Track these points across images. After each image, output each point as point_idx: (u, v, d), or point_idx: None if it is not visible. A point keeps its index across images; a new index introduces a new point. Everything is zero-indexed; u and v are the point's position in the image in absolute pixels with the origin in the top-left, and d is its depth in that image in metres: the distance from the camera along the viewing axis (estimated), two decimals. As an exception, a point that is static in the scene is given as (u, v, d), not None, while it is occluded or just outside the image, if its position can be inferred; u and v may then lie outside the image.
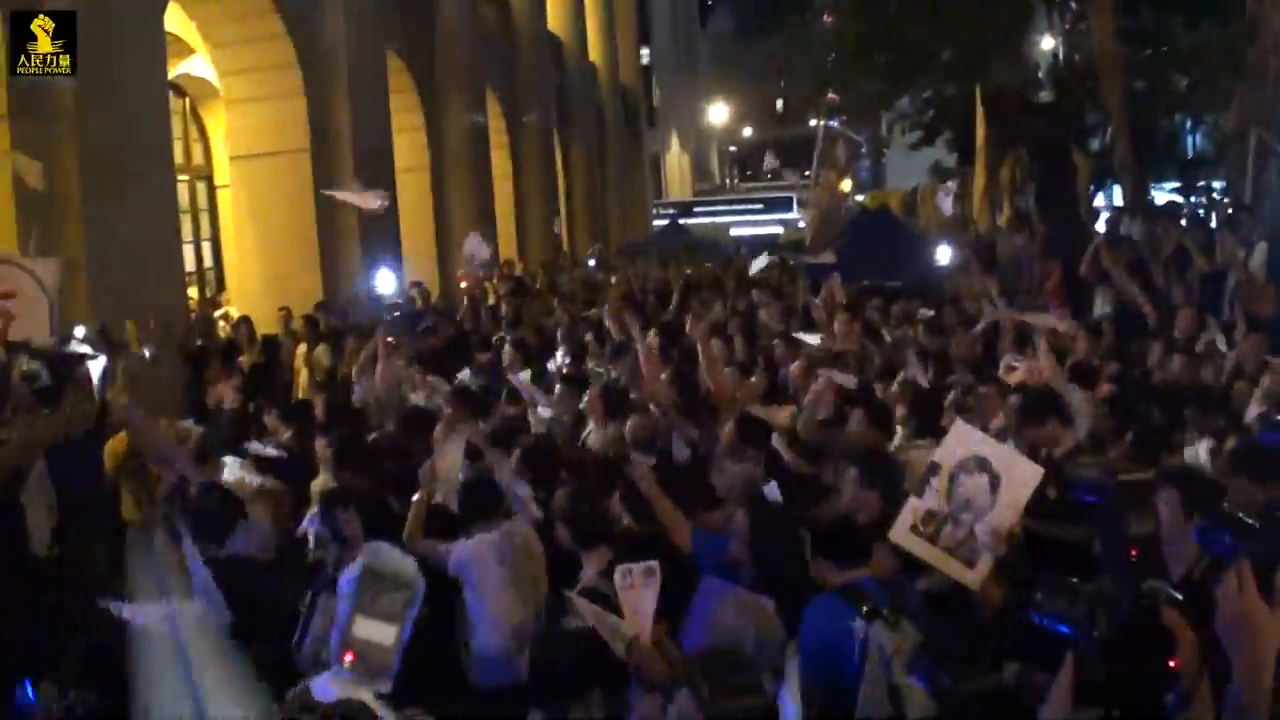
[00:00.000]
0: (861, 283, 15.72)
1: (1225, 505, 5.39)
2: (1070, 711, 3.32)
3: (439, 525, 6.35)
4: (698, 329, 10.16)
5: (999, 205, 21.21)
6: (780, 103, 70.05)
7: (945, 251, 16.50)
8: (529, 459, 7.31)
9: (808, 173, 20.24)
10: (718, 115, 68.28)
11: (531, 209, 30.36)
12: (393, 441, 8.53)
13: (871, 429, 7.65)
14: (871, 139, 39.36)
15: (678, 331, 12.35)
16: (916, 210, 32.16)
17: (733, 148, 76.89)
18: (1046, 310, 12.56)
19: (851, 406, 8.06)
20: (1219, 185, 30.01)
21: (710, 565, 5.44)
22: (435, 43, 24.15)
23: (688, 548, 5.76)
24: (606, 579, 5.45)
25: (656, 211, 49.32)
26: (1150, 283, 12.86)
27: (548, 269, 24.32)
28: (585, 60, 37.72)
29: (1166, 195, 30.87)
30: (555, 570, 6.06)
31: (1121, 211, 21.79)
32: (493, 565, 5.75)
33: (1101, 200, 27.21)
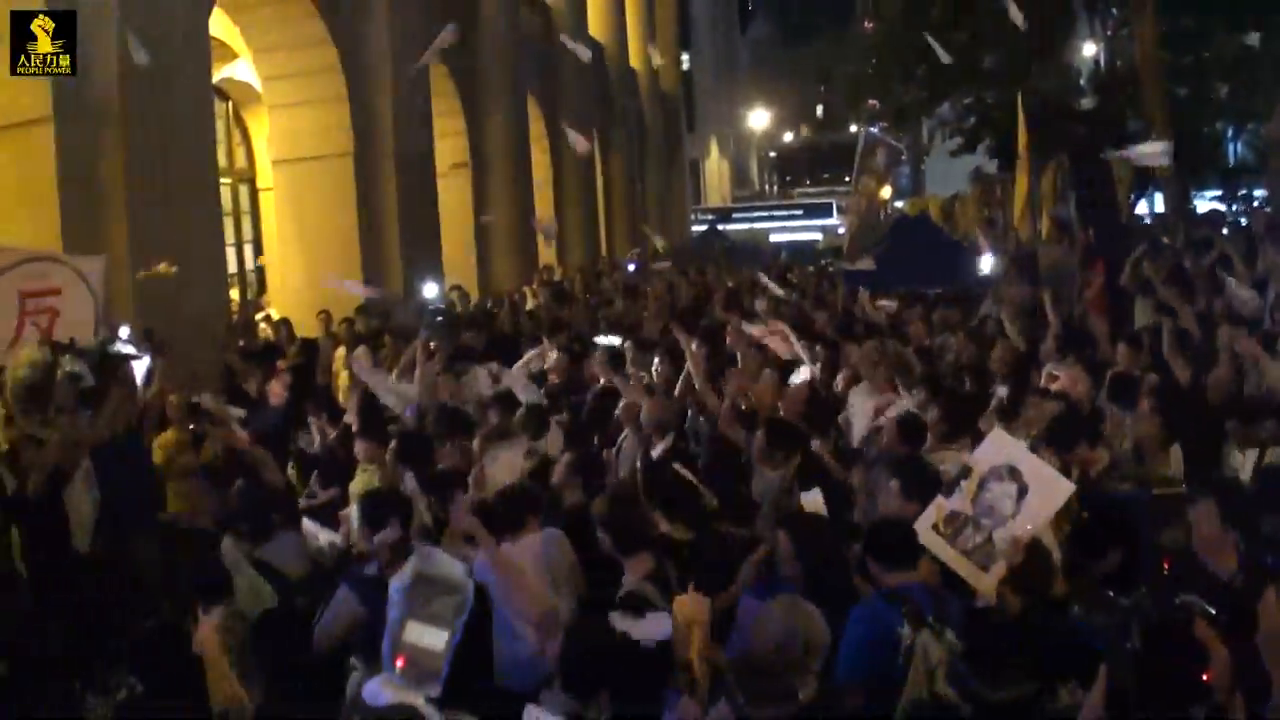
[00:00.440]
0: (900, 289, 15.67)
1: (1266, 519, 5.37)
2: (1103, 722, 3.34)
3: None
4: (740, 343, 10.17)
5: (1040, 213, 21.04)
6: (820, 109, 69.81)
7: (987, 260, 16.39)
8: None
9: (848, 179, 20.22)
10: (757, 121, 68.07)
11: (571, 213, 30.40)
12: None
13: (903, 439, 7.62)
14: (912, 145, 39.21)
15: (719, 338, 12.35)
16: (955, 217, 31.96)
17: (772, 153, 76.63)
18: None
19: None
20: (1260, 194, 29.74)
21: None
22: (477, 47, 24.23)
23: None
24: (648, 584, 5.48)
25: (695, 217, 49.28)
26: (1191, 293, 12.72)
27: (585, 274, 24.35)
28: (625, 65, 37.73)
29: (1208, 203, 30.64)
30: (596, 576, 6.07)
31: (1158, 220, 21.56)
32: (513, 575, 5.77)
33: (1143, 208, 26.97)
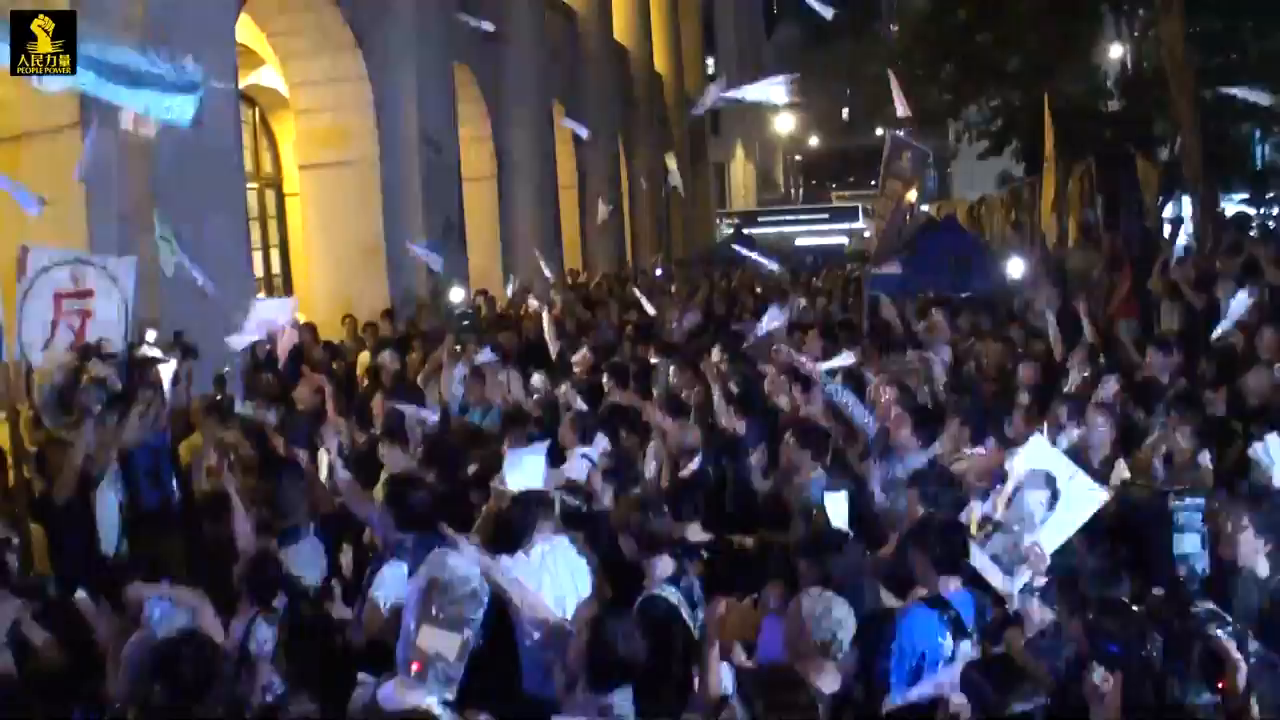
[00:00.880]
0: (927, 294, 15.61)
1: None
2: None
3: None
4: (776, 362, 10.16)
5: (1067, 217, 20.96)
6: (846, 112, 69.72)
7: (1016, 264, 16.28)
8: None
9: (874, 182, 20.18)
10: (783, 124, 68.00)
11: (596, 218, 30.45)
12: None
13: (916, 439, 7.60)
14: (938, 148, 39.10)
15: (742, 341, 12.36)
16: (982, 220, 31.86)
17: (798, 157, 76.55)
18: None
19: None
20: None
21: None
22: (502, 53, 24.30)
23: None
24: (669, 586, 5.50)
25: (721, 221, 49.25)
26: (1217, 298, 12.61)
27: (609, 279, 24.40)
28: (651, 70, 37.78)
29: (1236, 206, 30.42)
30: (618, 579, 6.09)
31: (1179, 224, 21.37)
32: (528, 584, 5.78)
33: (1170, 211, 26.84)
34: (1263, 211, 29.83)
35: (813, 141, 74.58)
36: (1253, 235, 16.39)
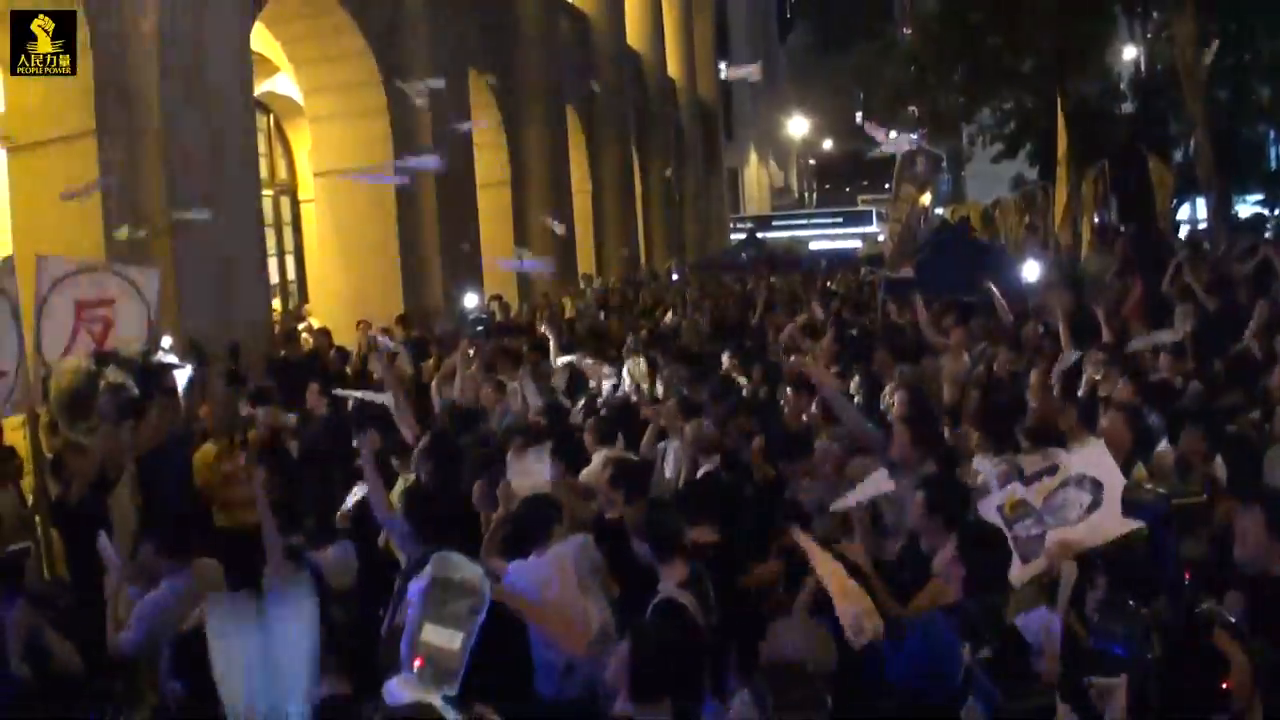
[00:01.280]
0: (940, 297, 15.57)
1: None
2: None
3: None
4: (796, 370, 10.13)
5: (1081, 220, 20.93)
6: (860, 116, 69.69)
7: (1031, 268, 16.23)
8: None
9: (887, 185, 20.18)
10: (797, 129, 68.02)
11: (610, 224, 30.51)
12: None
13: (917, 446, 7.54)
14: (952, 152, 39.11)
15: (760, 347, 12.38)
16: (995, 224, 31.83)
17: (812, 161, 76.55)
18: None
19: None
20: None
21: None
22: (516, 59, 24.36)
23: None
24: (684, 590, 5.51)
25: (734, 225, 49.29)
26: (1234, 300, 12.60)
27: (624, 283, 24.45)
28: (664, 75, 37.83)
29: (1250, 208, 30.36)
30: (632, 582, 6.10)
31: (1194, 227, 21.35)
32: (536, 591, 5.81)
33: (1185, 212, 26.81)
34: (1277, 213, 29.76)
35: (826, 145, 74.58)
36: (1267, 237, 16.32)
